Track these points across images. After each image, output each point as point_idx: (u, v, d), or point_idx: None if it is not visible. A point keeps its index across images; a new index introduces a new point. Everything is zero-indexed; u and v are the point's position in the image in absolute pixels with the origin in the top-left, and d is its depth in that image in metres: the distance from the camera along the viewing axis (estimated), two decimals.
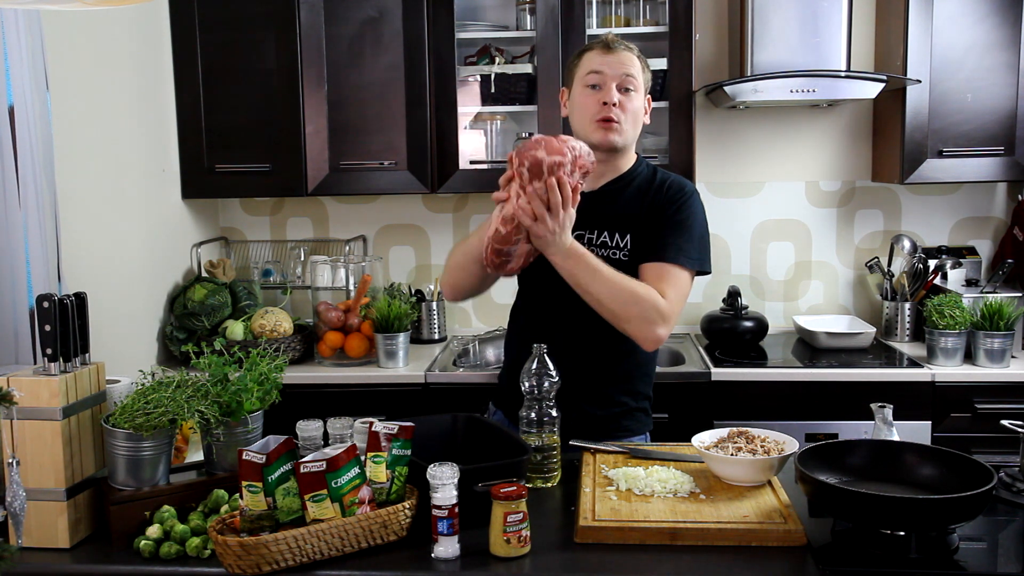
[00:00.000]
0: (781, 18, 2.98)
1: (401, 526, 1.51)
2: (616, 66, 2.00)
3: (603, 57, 2.02)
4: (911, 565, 1.42)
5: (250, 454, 1.43)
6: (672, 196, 2.03)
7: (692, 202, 2.03)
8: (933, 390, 2.76)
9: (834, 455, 1.64)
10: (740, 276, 3.40)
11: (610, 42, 2.04)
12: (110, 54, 2.71)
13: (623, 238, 2.02)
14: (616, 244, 2.03)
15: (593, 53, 2.04)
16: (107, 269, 2.65)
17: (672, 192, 2.04)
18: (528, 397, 1.77)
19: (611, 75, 2.00)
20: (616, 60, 2.01)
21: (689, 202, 2.02)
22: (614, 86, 1.99)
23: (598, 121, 2.00)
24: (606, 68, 2.00)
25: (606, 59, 2.01)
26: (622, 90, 2.00)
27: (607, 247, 2.03)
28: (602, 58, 2.02)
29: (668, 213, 2.01)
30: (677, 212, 2.01)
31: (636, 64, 2.03)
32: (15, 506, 1.40)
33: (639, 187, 2.07)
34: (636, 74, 2.02)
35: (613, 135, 2.00)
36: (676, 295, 1.93)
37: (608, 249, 2.02)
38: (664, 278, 1.93)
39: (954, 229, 3.34)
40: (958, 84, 2.95)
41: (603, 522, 1.52)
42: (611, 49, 2.02)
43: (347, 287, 3.11)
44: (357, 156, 3.09)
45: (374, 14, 3.04)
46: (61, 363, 1.56)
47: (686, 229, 1.99)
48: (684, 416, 2.75)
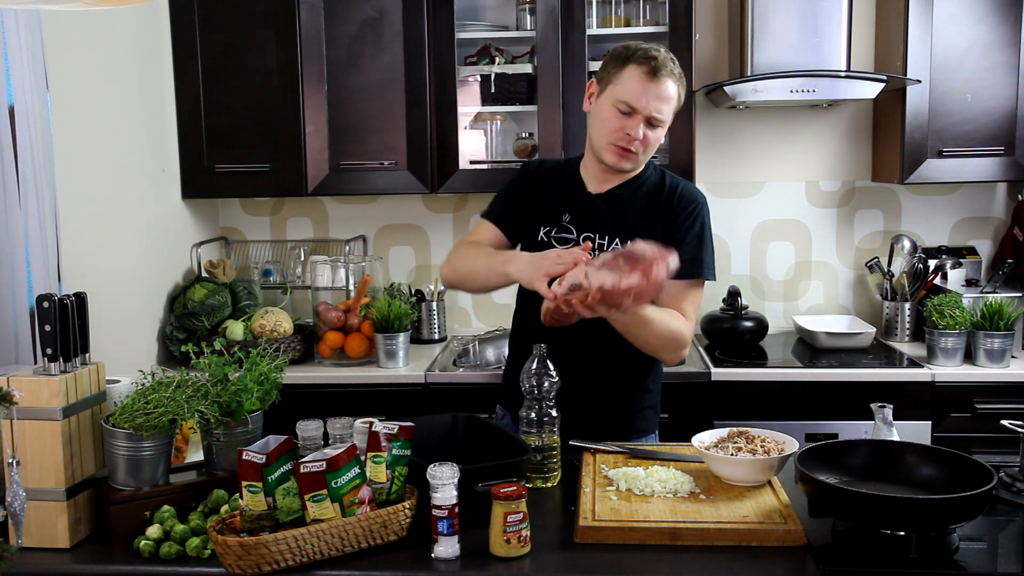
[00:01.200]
0: (781, 18, 2.98)
1: (401, 526, 1.51)
2: (653, 100, 1.92)
3: (645, 84, 1.92)
4: (911, 565, 1.42)
5: (250, 454, 1.43)
6: (685, 208, 2.03)
7: (704, 214, 2.04)
8: (933, 390, 2.76)
9: (834, 455, 1.64)
10: (740, 276, 3.40)
11: (659, 67, 1.92)
12: (110, 54, 2.71)
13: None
14: None
15: (638, 71, 1.92)
16: (107, 269, 2.65)
17: (684, 203, 2.03)
18: (528, 397, 1.77)
19: (645, 108, 1.92)
20: (655, 93, 1.92)
21: (702, 214, 2.04)
22: (643, 120, 1.94)
23: (616, 146, 1.97)
24: (642, 101, 1.91)
25: (647, 88, 1.91)
26: (649, 123, 1.96)
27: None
28: (643, 85, 1.92)
29: (683, 227, 2.01)
30: (692, 224, 2.02)
31: (674, 97, 1.96)
32: (15, 506, 1.40)
33: (648, 193, 2.06)
34: (669, 110, 1.96)
35: (625, 163, 2.00)
36: (693, 309, 2.02)
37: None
38: (684, 297, 1.99)
39: (954, 229, 3.34)
40: (958, 84, 2.95)
41: (603, 522, 1.52)
42: (656, 76, 1.91)
43: (347, 287, 3.11)
44: (357, 156, 3.09)
45: (374, 14, 3.04)
46: (61, 363, 1.56)
47: (702, 241, 2.02)
48: (684, 416, 2.75)
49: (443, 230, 3.47)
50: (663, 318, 1.91)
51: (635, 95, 1.92)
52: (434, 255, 3.49)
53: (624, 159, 1.99)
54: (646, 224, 2.02)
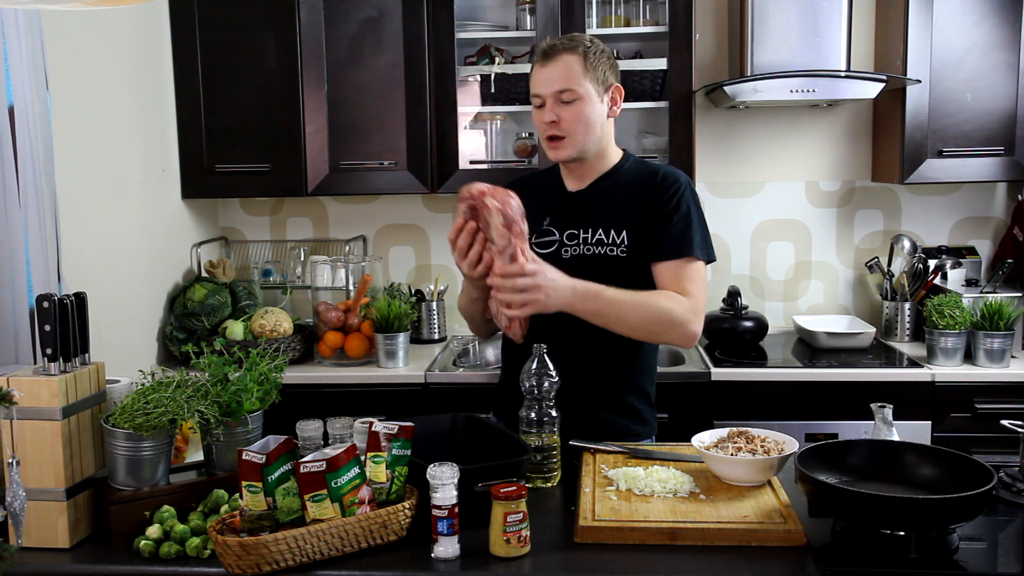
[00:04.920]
0: (781, 18, 2.98)
1: (401, 526, 1.51)
2: (550, 83, 1.95)
3: (540, 73, 1.98)
4: (911, 565, 1.42)
5: (250, 454, 1.43)
6: (669, 188, 2.01)
7: (688, 194, 2.02)
8: (933, 390, 2.76)
9: (834, 455, 1.64)
10: (740, 276, 3.40)
11: (545, 49, 1.98)
12: (110, 54, 2.71)
13: (619, 235, 2.01)
14: (613, 241, 2.01)
15: (536, 67, 2.00)
16: (107, 269, 2.65)
17: (668, 184, 2.02)
18: (528, 397, 1.77)
19: (547, 92, 1.96)
20: (550, 75, 1.95)
21: (687, 192, 2.01)
22: (552, 103, 1.96)
23: (546, 139, 2.01)
24: (542, 87, 1.97)
25: (542, 75, 1.97)
26: (562, 104, 1.96)
27: (603, 244, 2.02)
28: (539, 74, 1.98)
29: (669, 207, 1.99)
30: (678, 205, 1.99)
31: (575, 70, 1.95)
32: (15, 506, 1.40)
33: (630, 182, 2.05)
34: (575, 80, 1.95)
35: (561, 151, 2.00)
36: (697, 288, 1.96)
37: (605, 247, 2.01)
38: (682, 276, 1.95)
39: (954, 229, 3.34)
40: (958, 84, 2.95)
41: (603, 522, 1.52)
42: (548, 57, 1.97)
43: (347, 287, 3.11)
44: (357, 156, 3.09)
45: (374, 14, 3.04)
46: (61, 363, 1.56)
47: (690, 220, 1.99)
48: (684, 416, 2.75)
49: (443, 230, 3.47)
50: (640, 297, 1.89)
51: (535, 86, 1.99)
52: (434, 255, 3.49)
53: (557, 147, 2.00)
54: (630, 212, 2.01)
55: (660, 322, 1.90)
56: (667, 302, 1.90)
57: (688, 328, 1.91)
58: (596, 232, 2.03)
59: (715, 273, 3.40)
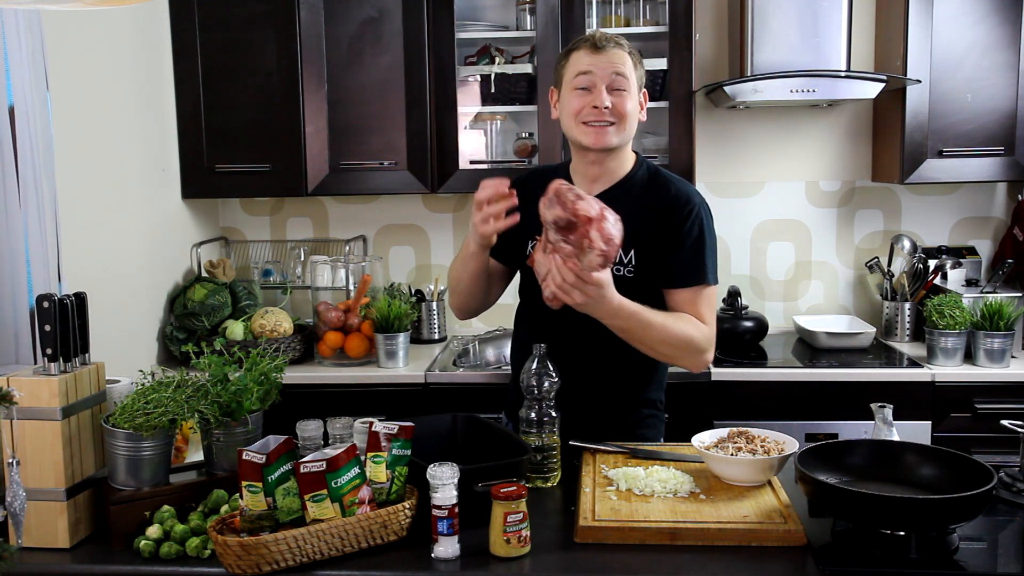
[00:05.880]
0: (781, 18, 2.98)
1: (401, 526, 1.51)
2: (605, 66, 1.92)
3: (592, 57, 1.93)
4: (911, 565, 1.42)
5: (250, 454, 1.44)
6: (683, 211, 1.96)
7: (702, 215, 1.97)
8: (933, 390, 2.76)
9: (834, 455, 1.64)
10: (740, 276, 3.40)
11: (598, 40, 1.94)
12: (110, 54, 2.71)
13: (626, 254, 1.96)
14: (620, 260, 1.96)
15: (581, 53, 1.95)
16: (107, 269, 2.65)
17: (681, 206, 1.96)
18: (528, 397, 1.77)
19: (601, 76, 1.92)
20: (605, 60, 1.92)
21: (700, 216, 1.97)
22: (604, 88, 1.92)
23: (589, 124, 1.94)
24: (595, 68, 1.92)
25: (595, 59, 1.93)
26: (613, 91, 1.92)
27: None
28: (591, 58, 1.93)
29: (682, 232, 1.94)
30: (691, 230, 1.95)
31: (627, 62, 1.94)
32: (15, 506, 1.40)
33: (643, 196, 1.99)
34: (628, 73, 1.93)
35: (606, 138, 1.94)
36: (712, 314, 1.98)
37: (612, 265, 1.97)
38: (699, 302, 1.95)
39: (954, 229, 3.34)
40: (958, 84, 2.95)
41: (603, 522, 1.52)
42: (600, 48, 1.93)
43: (347, 287, 3.11)
44: (357, 156, 3.09)
45: (374, 14, 3.04)
46: (61, 363, 1.56)
47: (703, 246, 1.96)
48: (684, 416, 2.75)
49: (443, 230, 3.47)
50: (668, 322, 1.87)
51: (587, 66, 1.94)
52: (434, 255, 3.49)
53: (601, 134, 1.94)
54: (640, 231, 1.94)
55: (680, 348, 1.91)
56: (691, 329, 1.90)
57: (705, 356, 1.95)
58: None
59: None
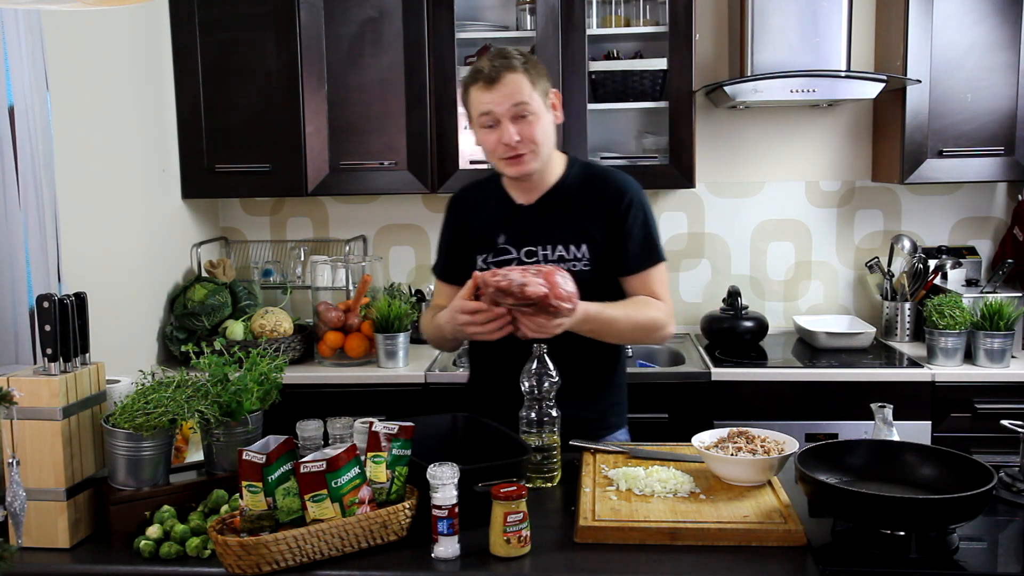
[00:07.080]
0: (781, 18, 2.98)
1: (401, 526, 1.51)
2: (503, 100, 1.91)
3: (489, 95, 1.92)
4: (911, 565, 1.42)
5: (250, 454, 1.44)
6: (623, 200, 2.01)
7: (642, 200, 2.04)
8: (933, 390, 2.76)
9: (834, 455, 1.64)
10: (740, 276, 3.40)
11: (489, 72, 1.92)
12: (110, 54, 2.71)
13: (579, 249, 2.01)
14: (574, 256, 2.01)
15: (478, 90, 1.94)
16: (107, 269, 2.65)
17: (620, 195, 2.02)
18: (528, 397, 1.77)
19: (502, 112, 1.92)
20: (502, 94, 1.91)
21: (640, 202, 2.03)
22: (508, 121, 1.92)
23: (503, 160, 1.97)
24: (494, 107, 1.92)
25: (492, 96, 1.92)
26: (518, 120, 1.92)
27: (564, 260, 2.00)
28: (489, 96, 1.92)
29: (627, 221, 2.00)
30: (637, 218, 2.01)
31: (524, 85, 1.92)
32: (15, 506, 1.40)
33: (581, 192, 2.04)
34: (527, 96, 1.92)
35: (525, 167, 1.97)
36: (666, 290, 2.06)
37: (566, 262, 2.00)
38: (651, 283, 2.03)
39: (954, 229, 3.34)
40: (958, 84, 2.95)
41: (603, 522, 1.52)
42: (493, 81, 1.92)
43: (347, 287, 3.11)
44: (357, 156, 3.09)
45: (374, 14, 3.04)
46: (61, 363, 1.56)
47: (648, 229, 2.03)
48: (684, 416, 2.75)
49: None
50: (630, 312, 1.96)
51: (484, 106, 1.94)
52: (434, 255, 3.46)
53: (518, 164, 1.96)
54: (586, 225, 2.01)
55: (645, 330, 1.99)
56: (652, 312, 1.99)
57: (667, 331, 2.02)
58: (556, 248, 2.01)
59: (715, 273, 3.40)
